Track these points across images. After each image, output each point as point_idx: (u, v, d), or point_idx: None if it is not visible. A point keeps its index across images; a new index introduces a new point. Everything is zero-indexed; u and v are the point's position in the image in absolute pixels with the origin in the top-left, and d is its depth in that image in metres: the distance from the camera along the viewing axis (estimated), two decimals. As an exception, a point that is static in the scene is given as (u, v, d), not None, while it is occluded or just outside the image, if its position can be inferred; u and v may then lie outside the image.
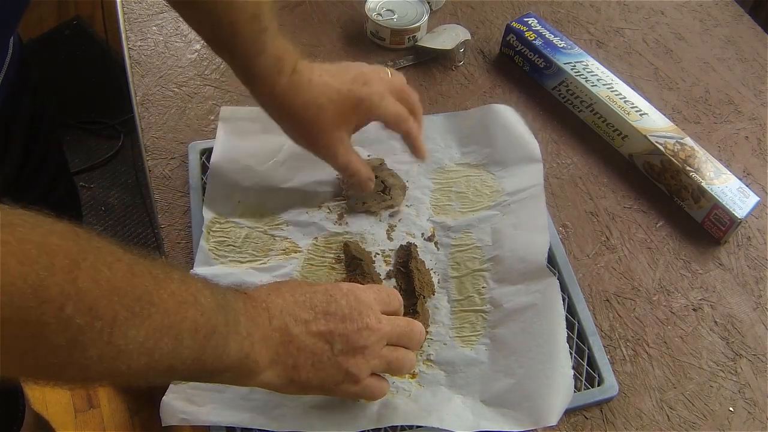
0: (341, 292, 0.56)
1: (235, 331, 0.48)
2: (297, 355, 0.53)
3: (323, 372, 0.54)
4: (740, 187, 0.82)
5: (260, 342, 0.51)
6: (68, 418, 1.53)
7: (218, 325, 0.47)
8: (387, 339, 0.58)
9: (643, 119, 0.87)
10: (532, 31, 0.96)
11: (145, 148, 0.85)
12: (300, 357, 0.53)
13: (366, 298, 0.57)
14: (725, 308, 0.77)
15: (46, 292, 0.36)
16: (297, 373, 0.53)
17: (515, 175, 0.82)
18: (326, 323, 0.54)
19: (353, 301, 0.56)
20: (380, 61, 0.97)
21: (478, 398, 0.66)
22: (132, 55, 0.95)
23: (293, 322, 0.53)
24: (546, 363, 0.66)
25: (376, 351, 0.57)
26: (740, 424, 0.68)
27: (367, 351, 0.56)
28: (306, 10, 1.04)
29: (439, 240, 0.78)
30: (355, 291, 0.57)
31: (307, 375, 0.54)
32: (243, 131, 0.83)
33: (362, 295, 0.57)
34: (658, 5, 1.12)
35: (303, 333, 0.53)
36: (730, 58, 1.05)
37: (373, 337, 0.56)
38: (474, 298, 0.73)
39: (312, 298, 0.55)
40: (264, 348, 0.51)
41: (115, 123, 1.97)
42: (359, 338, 0.55)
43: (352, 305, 0.55)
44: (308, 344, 0.53)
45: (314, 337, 0.54)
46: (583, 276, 0.78)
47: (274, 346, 0.52)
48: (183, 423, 0.62)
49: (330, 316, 0.54)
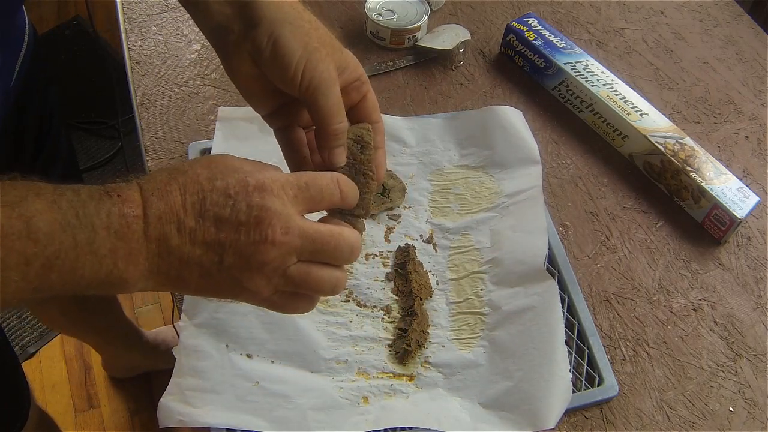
0: (245, 190, 0.46)
1: (89, 251, 0.42)
2: (180, 267, 0.45)
3: (215, 284, 0.47)
4: (740, 187, 0.82)
5: (126, 258, 0.44)
6: (68, 418, 1.53)
7: (63, 249, 0.41)
8: (297, 255, 0.47)
9: (643, 119, 0.87)
10: (532, 31, 0.96)
11: (145, 148, 0.85)
12: (184, 269, 0.46)
13: (275, 202, 0.46)
14: (725, 308, 0.77)
15: None
16: (184, 283, 0.47)
17: (514, 177, 0.82)
18: (216, 232, 0.45)
19: (257, 204, 0.45)
20: (380, 61, 0.97)
21: (476, 401, 0.66)
22: (132, 55, 0.95)
23: (174, 231, 0.45)
24: (544, 366, 0.66)
25: (279, 269, 0.47)
26: (740, 424, 0.68)
27: (267, 268, 0.46)
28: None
29: (438, 242, 0.78)
30: (264, 189, 0.46)
31: (197, 285, 0.47)
32: (240, 132, 0.83)
33: (271, 196, 0.46)
34: (658, 5, 1.12)
35: (186, 244, 0.45)
36: (730, 58, 1.05)
37: (273, 252, 0.46)
38: (472, 300, 0.73)
39: (206, 198, 0.45)
40: (132, 264, 0.44)
41: (115, 123, 1.97)
42: (255, 252, 0.45)
43: (252, 210, 0.45)
44: (192, 256, 0.45)
45: (199, 248, 0.45)
46: (583, 276, 0.78)
47: (151, 258, 0.45)
48: (180, 425, 0.62)
49: (222, 223, 0.45)
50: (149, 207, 0.44)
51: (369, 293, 0.74)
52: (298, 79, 0.50)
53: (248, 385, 0.65)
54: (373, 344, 0.70)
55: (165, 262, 0.45)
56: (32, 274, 0.41)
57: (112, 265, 0.43)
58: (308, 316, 0.70)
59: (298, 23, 0.51)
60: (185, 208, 0.45)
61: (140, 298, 1.75)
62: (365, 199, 0.52)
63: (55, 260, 0.41)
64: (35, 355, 1.62)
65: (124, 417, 1.55)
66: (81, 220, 0.42)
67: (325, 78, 0.50)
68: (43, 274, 0.41)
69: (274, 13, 0.51)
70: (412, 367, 0.68)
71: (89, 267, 0.43)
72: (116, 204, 0.44)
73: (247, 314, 0.69)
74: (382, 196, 0.79)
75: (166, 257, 0.45)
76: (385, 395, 0.66)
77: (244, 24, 0.51)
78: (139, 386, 1.57)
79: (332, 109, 0.51)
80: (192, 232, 0.45)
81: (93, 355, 1.61)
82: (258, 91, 0.54)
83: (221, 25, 0.52)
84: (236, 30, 0.52)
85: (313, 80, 0.50)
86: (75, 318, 1.30)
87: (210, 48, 0.72)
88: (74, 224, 0.42)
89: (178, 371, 0.65)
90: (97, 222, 0.43)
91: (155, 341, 1.52)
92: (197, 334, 0.67)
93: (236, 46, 0.52)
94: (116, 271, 0.44)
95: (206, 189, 0.46)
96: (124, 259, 0.44)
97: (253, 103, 0.56)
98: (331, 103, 0.51)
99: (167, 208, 0.45)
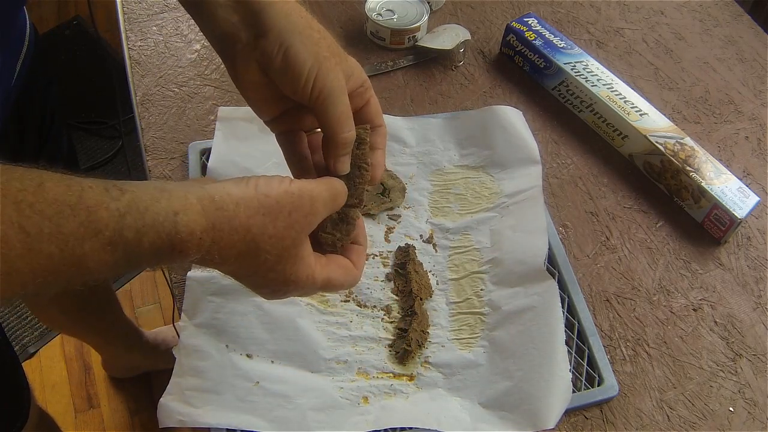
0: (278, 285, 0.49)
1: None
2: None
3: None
4: (740, 187, 0.82)
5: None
6: (68, 418, 1.53)
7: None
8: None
9: (643, 119, 0.87)
10: (532, 31, 0.96)
11: (145, 148, 0.85)
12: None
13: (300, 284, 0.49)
14: (725, 308, 0.77)
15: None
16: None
17: (514, 177, 0.82)
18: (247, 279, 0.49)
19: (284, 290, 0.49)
20: (380, 61, 0.97)
21: (476, 401, 0.66)
22: (132, 55, 0.95)
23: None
24: (544, 366, 0.66)
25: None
26: (740, 424, 0.68)
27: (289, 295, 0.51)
28: (306, 10, 1.04)
29: (438, 242, 0.78)
30: (295, 284, 0.49)
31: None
32: (240, 132, 0.83)
33: (297, 289, 0.49)
34: (658, 5, 1.12)
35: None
36: (730, 58, 1.05)
37: (295, 293, 0.50)
38: (472, 300, 0.73)
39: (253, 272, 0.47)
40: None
41: (115, 123, 1.97)
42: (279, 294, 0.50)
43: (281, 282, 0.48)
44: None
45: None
46: (583, 276, 0.78)
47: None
48: (180, 425, 0.62)
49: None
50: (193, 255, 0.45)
51: (369, 293, 0.74)
52: (309, 89, 0.51)
53: (248, 385, 0.65)
54: (373, 344, 0.70)
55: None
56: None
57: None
58: (308, 315, 0.70)
59: (308, 33, 0.51)
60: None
61: (140, 298, 1.75)
62: (359, 190, 0.53)
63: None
64: (35, 355, 1.62)
65: (124, 417, 1.55)
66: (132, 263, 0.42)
67: (335, 87, 0.51)
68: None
69: (284, 23, 0.51)
70: (412, 367, 0.68)
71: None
72: (175, 257, 0.43)
73: (247, 314, 0.69)
74: (382, 196, 0.79)
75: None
76: (385, 395, 0.66)
77: (253, 33, 0.51)
78: (139, 386, 1.57)
79: (341, 117, 0.52)
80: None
81: (93, 355, 1.61)
82: (263, 97, 0.55)
83: (228, 33, 0.52)
84: (244, 38, 0.51)
85: (324, 89, 0.51)
86: (75, 318, 1.30)
87: (210, 48, 0.72)
88: (122, 265, 0.41)
89: (178, 371, 0.65)
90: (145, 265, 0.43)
91: (155, 341, 1.52)
92: (197, 334, 0.67)
93: (243, 54, 0.52)
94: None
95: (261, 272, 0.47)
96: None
97: (256, 108, 0.56)
98: (340, 112, 0.52)
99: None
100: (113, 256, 0.39)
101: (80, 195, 0.39)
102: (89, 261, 0.39)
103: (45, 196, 0.37)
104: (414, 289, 0.72)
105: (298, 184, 0.47)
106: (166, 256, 0.42)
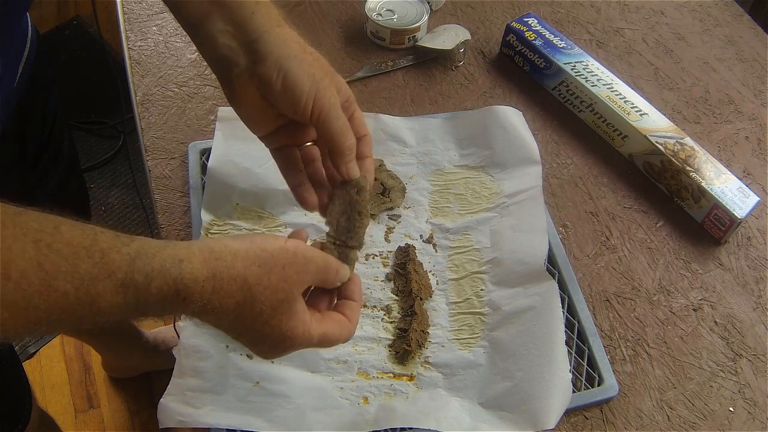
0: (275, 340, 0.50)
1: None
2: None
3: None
4: (740, 187, 0.82)
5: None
6: (68, 418, 1.53)
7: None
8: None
9: (643, 119, 0.87)
10: (532, 31, 0.96)
11: (145, 148, 0.85)
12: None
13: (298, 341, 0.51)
14: (725, 308, 0.77)
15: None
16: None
17: (514, 177, 0.82)
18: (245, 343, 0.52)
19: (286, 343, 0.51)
20: (380, 61, 0.97)
21: (476, 401, 0.66)
22: (132, 55, 0.95)
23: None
24: (544, 366, 0.66)
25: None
26: (740, 424, 0.68)
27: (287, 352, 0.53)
28: (306, 9, 1.04)
29: (438, 242, 0.78)
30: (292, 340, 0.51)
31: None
32: (240, 132, 0.82)
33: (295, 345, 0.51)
34: (658, 5, 1.12)
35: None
36: (730, 58, 1.05)
37: (292, 349, 0.52)
38: (472, 300, 0.73)
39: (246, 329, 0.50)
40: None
41: (115, 123, 1.97)
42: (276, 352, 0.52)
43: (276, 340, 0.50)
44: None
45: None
46: (583, 276, 0.78)
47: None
48: (180, 425, 0.62)
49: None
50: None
51: (369, 293, 0.74)
52: (309, 109, 0.54)
53: (248, 386, 0.65)
54: (373, 344, 0.70)
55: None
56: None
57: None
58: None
59: (302, 56, 0.55)
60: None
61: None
62: (359, 234, 0.57)
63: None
64: (35, 355, 1.62)
65: (124, 417, 1.55)
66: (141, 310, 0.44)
67: (333, 104, 0.55)
68: None
69: (281, 49, 0.54)
70: (412, 367, 0.68)
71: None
72: (179, 305, 0.45)
73: (247, 314, 0.69)
74: (382, 196, 0.79)
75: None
76: (385, 395, 0.66)
77: (251, 58, 0.54)
78: (139, 386, 1.57)
79: (342, 129, 0.55)
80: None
81: (93, 355, 1.61)
82: (259, 116, 0.58)
83: (226, 57, 0.55)
84: (242, 63, 0.54)
85: (324, 108, 0.54)
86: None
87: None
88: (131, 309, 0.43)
89: (178, 371, 0.65)
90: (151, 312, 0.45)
91: (155, 341, 1.52)
92: (197, 334, 0.67)
93: (241, 77, 0.55)
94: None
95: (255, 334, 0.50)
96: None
97: (252, 126, 0.59)
98: (341, 124, 0.55)
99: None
100: (124, 298, 0.41)
101: (94, 238, 0.41)
102: (102, 301, 0.41)
103: (61, 238, 0.39)
104: (414, 289, 0.72)
105: (293, 242, 0.50)
106: (170, 302, 0.44)
